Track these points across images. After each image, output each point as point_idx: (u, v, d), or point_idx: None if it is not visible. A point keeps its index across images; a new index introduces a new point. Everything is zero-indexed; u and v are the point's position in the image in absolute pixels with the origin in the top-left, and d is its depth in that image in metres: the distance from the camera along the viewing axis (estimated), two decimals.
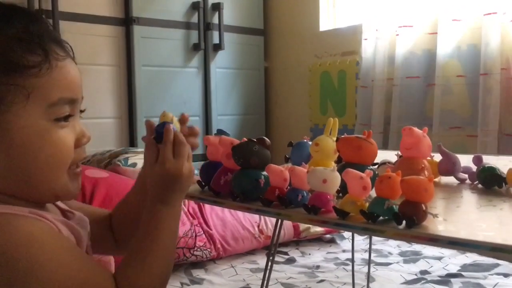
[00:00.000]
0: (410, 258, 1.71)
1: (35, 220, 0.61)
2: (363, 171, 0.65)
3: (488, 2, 1.99)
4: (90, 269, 0.63)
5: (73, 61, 0.66)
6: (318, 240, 1.91)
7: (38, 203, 0.66)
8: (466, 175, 0.89)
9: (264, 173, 0.77)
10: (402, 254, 1.75)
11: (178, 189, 0.71)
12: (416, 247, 1.81)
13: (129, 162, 1.87)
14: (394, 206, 0.61)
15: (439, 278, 1.51)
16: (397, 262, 1.67)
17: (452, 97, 2.15)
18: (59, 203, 0.74)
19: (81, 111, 0.68)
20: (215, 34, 2.79)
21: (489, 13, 1.98)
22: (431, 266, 1.62)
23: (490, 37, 1.98)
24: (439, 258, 1.69)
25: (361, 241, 1.87)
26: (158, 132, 0.72)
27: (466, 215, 0.71)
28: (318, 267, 1.63)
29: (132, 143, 2.53)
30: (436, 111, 2.16)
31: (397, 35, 2.30)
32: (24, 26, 0.61)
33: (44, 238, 0.59)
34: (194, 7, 2.72)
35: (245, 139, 0.81)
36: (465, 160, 0.93)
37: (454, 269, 1.59)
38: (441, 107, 2.15)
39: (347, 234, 1.94)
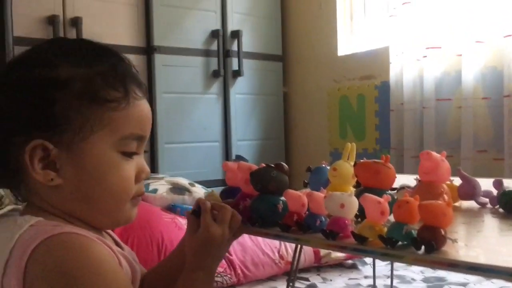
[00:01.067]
0: (434, 284, 1.67)
1: (104, 247, 0.64)
2: (381, 196, 0.65)
3: (508, 23, 1.99)
4: None
5: (147, 102, 0.71)
6: (339, 266, 1.89)
7: (98, 229, 0.70)
8: (487, 200, 0.88)
9: (282, 198, 0.78)
10: (425, 280, 1.72)
11: (218, 255, 0.76)
12: (440, 273, 1.78)
13: (150, 188, 1.89)
14: (412, 231, 0.61)
15: None
16: None
17: (479, 120, 2.13)
18: (109, 231, 0.77)
19: (145, 151, 0.73)
20: (234, 61, 2.84)
21: (509, 35, 1.97)
22: None
23: (511, 59, 1.97)
24: (464, 285, 1.65)
25: (383, 267, 1.84)
26: (197, 208, 0.78)
27: (487, 240, 0.70)
28: None
29: (153, 169, 2.56)
30: (463, 135, 2.14)
31: (425, 56, 2.30)
32: (112, 65, 0.67)
33: (109, 268, 0.62)
34: (214, 35, 2.77)
35: (263, 164, 0.82)
36: (486, 184, 0.92)
37: None
38: (468, 130, 2.13)
39: (368, 259, 1.91)
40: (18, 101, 0.64)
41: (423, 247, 0.59)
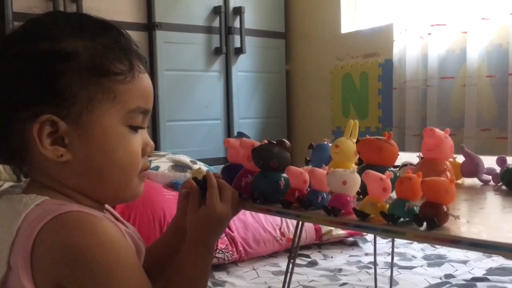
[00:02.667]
0: (435, 261, 1.68)
1: (112, 225, 0.64)
2: (383, 173, 0.65)
3: None
4: (145, 284, 0.65)
5: (148, 76, 0.71)
6: (340, 243, 1.90)
7: (102, 203, 0.70)
8: (490, 177, 0.88)
9: (284, 175, 0.78)
10: (426, 257, 1.73)
11: (220, 231, 0.78)
12: (441, 250, 1.79)
13: (152, 165, 1.90)
14: (415, 207, 0.61)
15: (464, 282, 1.48)
16: (421, 266, 1.65)
17: (483, 98, 2.11)
18: (110, 208, 0.77)
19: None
20: (237, 38, 2.81)
21: None
22: (456, 270, 1.60)
23: None
24: (465, 262, 1.66)
25: (384, 244, 1.85)
26: (198, 183, 0.78)
27: (489, 217, 0.70)
28: (340, 270, 1.62)
29: (155, 147, 2.55)
30: (467, 113, 2.13)
31: (429, 34, 2.27)
32: (115, 38, 0.67)
33: (118, 245, 0.62)
34: (216, 11, 2.74)
35: (265, 141, 0.81)
36: (489, 161, 0.92)
37: (479, 273, 1.56)
38: (472, 108, 2.12)
39: (369, 237, 1.92)
40: (23, 75, 0.62)
41: (425, 223, 0.59)
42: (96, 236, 0.59)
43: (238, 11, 2.79)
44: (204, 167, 0.72)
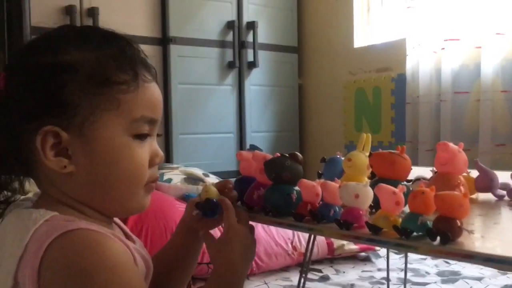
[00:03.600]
0: (449, 278, 1.66)
1: (120, 244, 0.63)
2: (396, 187, 0.65)
3: None
4: None
5: (157, 86, 0.71)
6: (352, 258, 1.88)
7: (109, 216, 0.69)
8: (505, 192, 0.87)
9: (296, 188, 0.78)
10: (440, 274, 1.71)
11: (247, 256, 0.77)
12: (455, 266, 1.76)
13: (165, 177, 1.91)
14: (428, 222, 0.60)
15: None
16: (435, 282, 1.62)
17: (497, 113, 2.10)
18: (120, 222, 0.76)
19: (158, 135, 0.72)
20: (250, 52, 2.83)
21: None
22: (471, 287, 1.57)
23: None
24: (479, 279, 1.63)
25: (397, 259, 1.83)
26: (211, 206, 0.77)
27: (504, 232, 0.69)
28: (352, 285, 1.60)
29: (168, 159, 2.57)
30: (482, 128, 2.11)
31: (443, 49, 2.26)
32: (120, 48, 0.67)
33: (124, 266, 0.61)
34: (229, 26, 2.76)
35: (277, 154, 0.81)
36: (504, 176, 0.91)
37: None
38: (486, 123, 2.10)
39: (382, 252, 1.90)
40: (28, 88, 0.64)
41: (438, 238, 0.58)
42: (103, 257, 0.59)
43: (252, 25, 2.82)
44: (213, 188, 0.72)
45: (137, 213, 0.72)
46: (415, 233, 0.61)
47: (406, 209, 0.63)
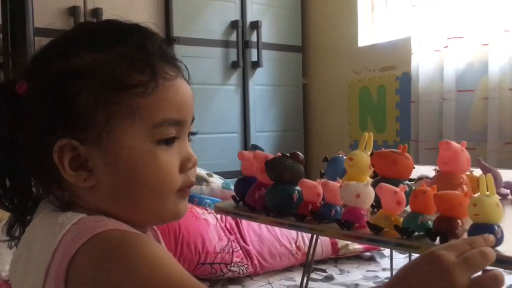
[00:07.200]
0: None
1: (154, 241, 0.59)
2: (398, 186, 0.64)
3: None
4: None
5: (184, 81, 0.64)
6: (357, 258, 1.87)
7: (142, 226, 0.64)
8: (508, 191, 0.86)
9: (298, 188, 0.77)
10: None
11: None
12: None
13: None
14: (429, 222, 0.60)
15: None
16: None
17: (505, 112, 2.08)
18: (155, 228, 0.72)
19: (193, 134, 0.66)
20: (254, 52, 2.83)
21: None
22: None
23: None
24: None
25: (401, 259, 1.82)
26: None
27: (507, 232, 0.68)
28: (357, 285, 1.60)
29: None
30: (489, 127, 2.10)
31: (446, 47, 2.25)
32: (137, 44, 0.61)
33: (165, 261, 0.54)
34: (233, 25, 2.76)
35: (279, 154, 0.81)
36: (508, 175, 0.90)
37: None
38: (494, 122, 2.08)
39: (387, 252, 1.89)
40: (41, 99, 0.59)
41: (438, 238, 0.58)
42: (143, 256, 0.53)
43: (255, 25, 2.81)
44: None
45: (174, 220, 0.65)
46: (416, 233, 0.60)
47: (408, 209, 0.63)
